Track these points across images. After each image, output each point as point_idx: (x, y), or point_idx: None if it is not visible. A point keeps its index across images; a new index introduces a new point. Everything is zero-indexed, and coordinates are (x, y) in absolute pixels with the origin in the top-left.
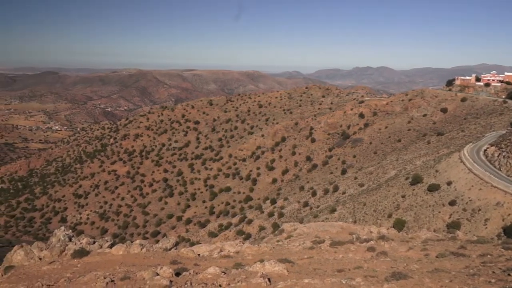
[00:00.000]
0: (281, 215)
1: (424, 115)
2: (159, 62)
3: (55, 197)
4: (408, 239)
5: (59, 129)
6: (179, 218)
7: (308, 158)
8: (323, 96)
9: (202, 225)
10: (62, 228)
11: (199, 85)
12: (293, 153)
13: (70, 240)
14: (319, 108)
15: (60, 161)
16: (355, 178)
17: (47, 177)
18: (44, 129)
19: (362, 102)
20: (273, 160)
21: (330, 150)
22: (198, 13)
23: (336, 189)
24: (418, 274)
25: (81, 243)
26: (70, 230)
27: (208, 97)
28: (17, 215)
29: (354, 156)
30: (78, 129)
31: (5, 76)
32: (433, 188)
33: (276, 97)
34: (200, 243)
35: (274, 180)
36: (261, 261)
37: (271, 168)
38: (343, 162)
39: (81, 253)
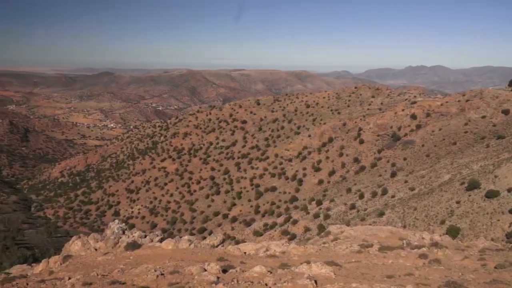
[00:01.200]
0: (327, 216)
1: (483, 117)
2: (208, 63)
3: (109, 191)
4: (464, 247)
5: (114, 126)
6: (225, 216)
7: (356, 160)
8: (373, 96)
9: (248, 223)
10: (116, 221)
11: (247, 85)
12: (340, 154)
13: (123, 233)
14: (368, 109)
15: (114, 157)
16: (406, 181)
17: (102, 172)
18: (100, 127)
19: (414, 102)
20: (319, 161)
21: (379, 152)
22: (247, 14)
23: (384, 192)
24: (474, 285)
25: (133, 236)
26: (123, 223)
27: (256, 97)
28: (75, 207)
29: (405, 159)
30: (131, 127)
31: (66, 77)
32: (491, 195)
33: (324, 97)
34: (245, 242)
35: (320, 181)
36: (308, 262)
37: (317, 169)
38: (393, 165)
39: (133, 246)
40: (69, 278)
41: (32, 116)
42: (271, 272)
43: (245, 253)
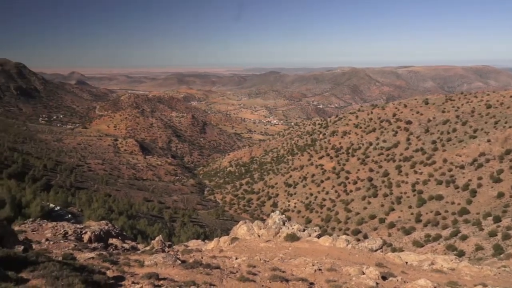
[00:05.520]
0: (506, 236)
1: None
2: (373, 60)
3: (269, 183)
4: None
5: (277, 123)
6: (381, 220)
7: None
8: None
9: (406, 231)
10: (277, 212)
11: (415, 83)
12: None
13: (284, 224)
14: None
15: (275, 151)
16: None
17: (264, 165)
18: (264, 123)
19: None
20: (500, 171)
21: None
22: (415, 10)
23: None
24: None
25: (293, 229)
26: (284, 215)
27: (424, 96)
28: (239, 195)
29: None
30: (292, 124)
31: (238, 76)
32: None
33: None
34: (403, 250)
35: (500, 194)
36: (484, 285)
37: (497, 180)
38: None
39: (292, 237)
40: (236, 258)
41: (209, 111)
42: None
43: (406, 262)
